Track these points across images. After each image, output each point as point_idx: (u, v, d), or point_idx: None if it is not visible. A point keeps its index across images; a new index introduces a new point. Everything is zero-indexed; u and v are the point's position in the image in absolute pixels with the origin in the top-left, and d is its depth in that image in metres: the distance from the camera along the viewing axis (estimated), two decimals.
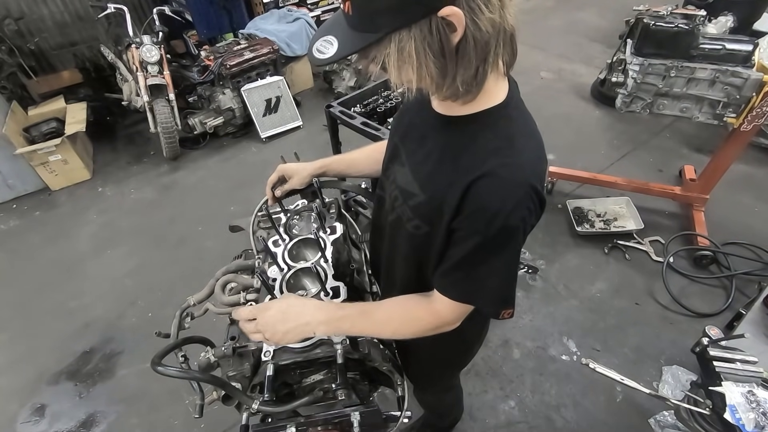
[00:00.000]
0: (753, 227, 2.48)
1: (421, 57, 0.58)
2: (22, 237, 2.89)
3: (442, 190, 0.71)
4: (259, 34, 3.70)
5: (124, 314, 2.34)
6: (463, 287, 0.76)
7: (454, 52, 0.59)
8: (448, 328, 0.83)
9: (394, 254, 0.93)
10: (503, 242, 0.70)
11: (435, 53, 0.58)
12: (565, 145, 3.13)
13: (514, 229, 0.68)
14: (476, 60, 0.61)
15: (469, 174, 0.67)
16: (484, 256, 0.71)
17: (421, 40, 0.57)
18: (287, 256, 1.05)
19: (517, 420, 1.81)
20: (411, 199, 0.79)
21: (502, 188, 0.66)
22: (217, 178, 3.25)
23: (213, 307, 1.06)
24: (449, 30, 0.56)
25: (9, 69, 3.42)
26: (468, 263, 0.73)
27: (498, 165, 0.66)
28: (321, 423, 0.94)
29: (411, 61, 0.58)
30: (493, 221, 0.67)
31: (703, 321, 2.08)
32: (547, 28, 4.86)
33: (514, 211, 0.66)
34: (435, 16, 0.55)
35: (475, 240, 0.69)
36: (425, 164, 0.77)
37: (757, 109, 1.96)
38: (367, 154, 1.11)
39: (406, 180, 0.80)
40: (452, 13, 0.54)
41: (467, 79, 0.63)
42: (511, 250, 0.72)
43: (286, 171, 1.11)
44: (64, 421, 1.93)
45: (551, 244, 2.51)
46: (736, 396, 1.28)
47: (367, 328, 0.85)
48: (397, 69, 0.60)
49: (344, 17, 0.60)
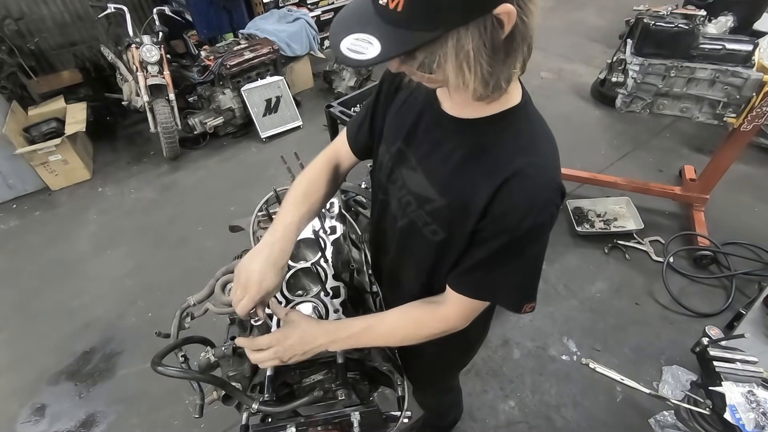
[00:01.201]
0: (753, 227, 2.48)
1: (478, 55, 0.56)
2: (22, 237, 2.89)
3: (466, 193, 0.71)
4: (259, 34, 3.70)
5: (124, 314, 2.34)
6: (481, 285, 0.77)
7: (502, 49, 0.58)
8: (454, 331, 0.84)
9: (403, 258, 0.92)
10: (532, 239, 0.71)
11: (488, 51, 0.56)
12: (565, 145, 3.08)
13: (542, 226, 0.70)
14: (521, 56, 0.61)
15: (498, 175, 0.67)
16: (510, 254, 0.72)
17: (479, 38, 0.55)
18: None
19: (517, 420, 1.81)
20: (428, 204, 0.77)
21: (532, 187, 0.67)
22: (217, 178, 3.25)
23: (213, 307, 1.06)
24: (500, 25, 0.55)
25: (9, 69, 3.41)
26: (491, 262, 0.73)
27: (526, 164, 0.67)
28: (321, 423, 0.94)
29: (468, 60, 0.56)
30: (524, 220, 0.67)
31: (703, 321, 2.08)
32: (547, 28, 4.85)
33: (544, 209, 0.68)
34: (490, 13, 0.53)
35: (502, 239, 0.70)
36: (443, 168, 0.75)
37: (757, 109, 1.96)
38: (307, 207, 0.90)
39: (420, 185, 0.78)
40: (507, 11, 0.53)
41: (509, 76, 0.63)
42: (539, 246, 0.74)
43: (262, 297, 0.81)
44: (64, 421, 1.93)
45: (551, 244, 2.47)
46: (736, 396, 1.28)
47: (373, 341, 0.86)
48: (454, 69, 0.57)
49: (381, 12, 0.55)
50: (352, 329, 0.84)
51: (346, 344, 0.85)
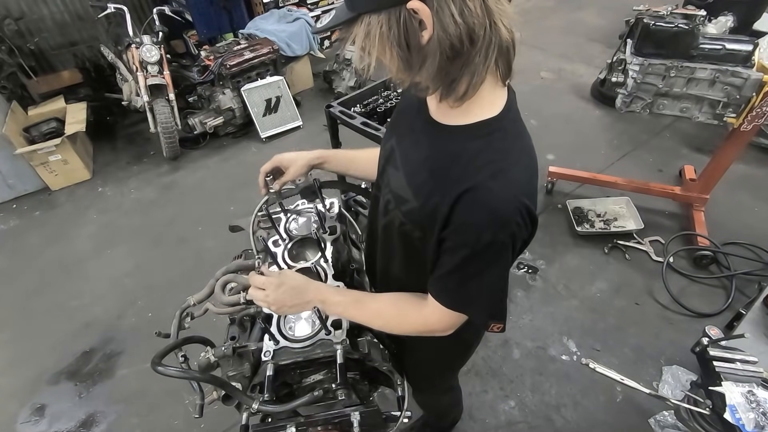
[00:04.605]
0: (753, 227, 2.48)
1: (384, 43, 0.61)
2: (22, 237, 2.89)
3: (435, 199, 0.70)
4: (259, 34, 3.70)
5: (124, 314, 2.34)
6: (454, 296, 0.76)
7: (420, 49, 0.61)
8: (436, 334, 0.84)
9: (389, 256, 0.93)
10: (491, 258, 0.69)
11: (399, 43, 0.61)
12: (565, 145, 3.13)
13: (502, 245, 0.67)
14: (449, 65, 0.62)
15: (459, 185, 0.66)
16: (473, 269, 0.71)
17: (388, 28, 0.59)
18: (287, 256, 1.06)
19: (517, 420, 1.81)
20: (404, 205, 0.78)
21: (491, 203, 0.65)
22: (217, 178, 3.25)
23: (213, 307, 1.06)
24: (420, 27, 0.59)
25: (9, 69, 3.41)
26: (458, 274, 0.72)
27: (488, 178, 0.65)
28: (321, 423, 0.94)
29: (374, 45, 0.62)
30: (482, 235, 0.66)
31: (703, 321, 2.08)
32: (547, 28, 4.86)
33: (504, 226, 0.65)
34: (404, 7, 0.57)
35: (463, 252, 0.69)
36: (420, 171, 0.76)
37: (757, 109, 1.96)
38: (367, 156, 1.08)
39: (399, 185, 0.79)
40: (419, 7, 0.57)
41: (443, 81, 0.65)
42: (500, 267, 0.71)
43: (282, 161, 1.07)
44: (64, 421, 1.93)
45: (551, 244, 2.51)
46: (736, 396, 1.28)
47: (357, 316, 0.88)
48: (360, 49, 0.64)
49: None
50: (344, 297, 0.88)
51: (334, 309, 0.88)
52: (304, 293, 0.85)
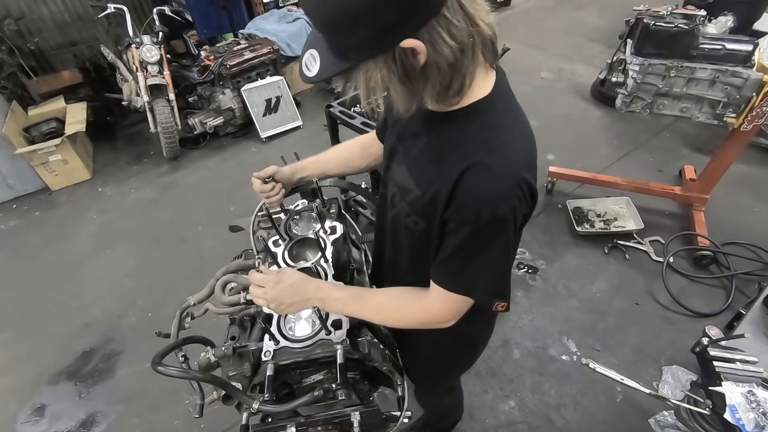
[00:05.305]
0: (753, 227, 2.48)
1: (387, 82, 0.63)
2: (22, 237, 2.89)
3: (436, 184, 0.73)
4: (259, 34, 3.70)
5: (124, 314, 2.34)
6: (457, 279, 0.77)
7: (420, 74, 0.63)
8: (439, 325, 0.84)
9: (398, 253, 0.94)
10: (494, 233, 0.70)
11: (400, 78, 0.62)
12: (565, 145, 3.13)
13: (503, 220, 0.69)
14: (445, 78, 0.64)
15: (458, 165, 0.69)
16: (475, 248, 0.72)
17: (387, 69, 0.61)
18: (287, 256, 1.06)
19: (517, 420, 1.81)
20: (408, 195, 0.80)
21: (490, 178, 0.67)
22: (217, 178, 3.25)
23: (213, 307, 1.06)
24: (413, 55, 0.60)
25: (9, 69, 3.42)
26: (461, 254, 0.74)
27: (485, 155, 0.68)
28: (321, 423, 0.94)
29: (377, 87, 0.63)
30: (482, 212, 0.68)
31: (703, 321, 2.08)
32: (547, 28, 4.86)
33: (503, 201, 0.67)
34: (398, 47, 0.58)
35: (465, 231, 0.71)
36: (420, 160, 0.78)
37: (757, 109, 1.96)
38: (336, 154, 1.14)
39: (403, 177, 0.82)
40: (413, 45, 0.58)
41: (439, 91, 0.66)
42: (502, 242, 0.73)
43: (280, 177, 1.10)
44: (64, 421, 1.93)
45: (551, 244, 2.51)
46: (736, 396, 1.28)
47: (358, 312, 0.88)
48: (366, 93, 0.65)
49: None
50: (343, 293, 0.88)
51: (333, 306, 0.87)
52: (302, 290, 0.85)
